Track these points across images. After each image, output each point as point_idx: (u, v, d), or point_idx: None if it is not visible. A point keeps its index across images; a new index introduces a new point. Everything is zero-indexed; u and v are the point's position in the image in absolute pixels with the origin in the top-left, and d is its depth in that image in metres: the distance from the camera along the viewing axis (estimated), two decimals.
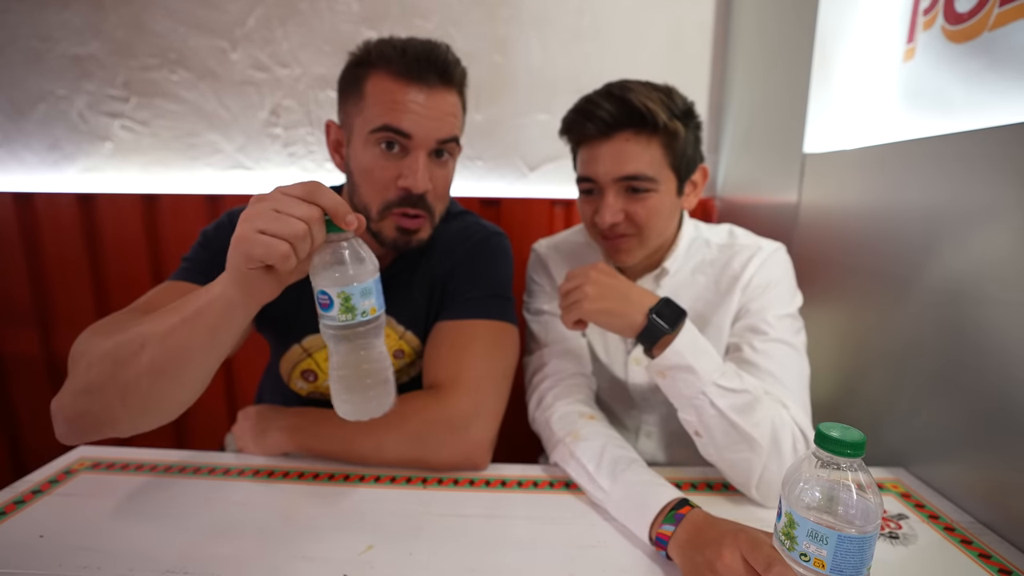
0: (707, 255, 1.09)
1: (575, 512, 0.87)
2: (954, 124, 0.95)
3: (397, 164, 0.94)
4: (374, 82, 0.94)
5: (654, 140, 0.96)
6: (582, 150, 1.02)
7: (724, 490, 0.93)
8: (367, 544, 0.77)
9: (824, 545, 0.53)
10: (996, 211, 0.83)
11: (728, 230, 1.12)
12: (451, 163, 1.01)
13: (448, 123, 0.96)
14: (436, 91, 0.94)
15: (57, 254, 1.75)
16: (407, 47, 0.93)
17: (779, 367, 0.94)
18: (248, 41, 1.71)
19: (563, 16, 1.72)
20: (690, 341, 0.87)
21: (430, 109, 0.93)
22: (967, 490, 0.88)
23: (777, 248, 1.06)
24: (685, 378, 0.86)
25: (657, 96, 0.96)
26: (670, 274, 1.08)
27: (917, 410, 0.98)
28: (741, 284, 1.03)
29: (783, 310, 1.00)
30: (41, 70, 1.72)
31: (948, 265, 0.92)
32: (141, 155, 1.78)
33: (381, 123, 0.92)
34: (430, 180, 0.95)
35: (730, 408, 0.84)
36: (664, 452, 1.15)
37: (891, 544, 0.79)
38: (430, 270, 1.09)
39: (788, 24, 1.40)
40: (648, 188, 0.97)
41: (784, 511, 0.57)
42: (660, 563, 0.75)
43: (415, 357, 1.12)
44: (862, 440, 0.53)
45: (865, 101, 1.22)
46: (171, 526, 0.81)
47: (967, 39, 0.95)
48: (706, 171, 1.05)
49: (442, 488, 0.92)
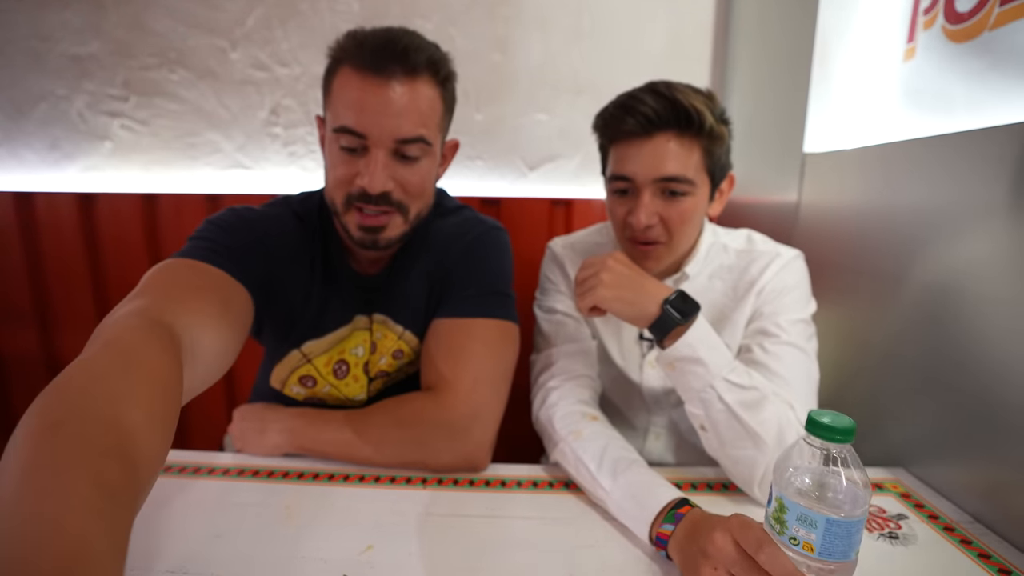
0: (725, 260, 1.08)
1: (575, 512, 0.87)
2: (955, 124, 0.95)
3: (356, 162, 0.91)
4: (339, 78, 0.91)
5: (696, 143, 0.94)
6: (617, 147, 0.99)
7: (724, 490, 0.93)
8: (367, 544, 0.77)
9: (813, 529, 0.54)
10: (996, 211, 0.83)
11: (747, 236, 1.11)
12: (423, 162, 0.94)
13: (410, 120, 0.89)
14: (398, 84, 0.88)
15: (57, 254, 1.75)
16: (367, 38, 0.90)
17: (788, 369, 0.94)
18: (248, 41, 1.71)
19: (563, 16, 1.72)
20: (702, 334, 0.87)
21: (388, 105, 0.87)
22: (967, 490, 0.88)
23: (796, 256, 1.06)
24: (694, 370, 0.87)
25: (701, 99, 0.95)
26: (690, 279, 1.08)
27: (917, 410, 0.98)
28: (756, 289, 1.02)
29: (796, 315, 1.00)
30: (41, 70, 1.71)
31: (948, 265, 0.92)
32: (141, 154, 1.78)
33: (339, 124, 0.89)
34: (391, 179, 0.91)
35: (737, 403, 0.85)
36: (672, 454, 1.16)
37: (891, 544, 0.79)
38: (428, 267, 1.07)
39: (788, 23, 1.40)
40: (686, 191, 0.96)
41: (774, 496, 0.58)
42: (660, 564, 0.75)
43: (414, 356, 1.11)
44: (852, 426, 0.54)
45: (865, 101, 1.22)
46: (170, 527, 0.81)
47: (967, 39, 0.95)
48: (733, 179, 1.04)
49: (442, 488, 0.92)
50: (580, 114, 1.77)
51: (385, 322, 1.07)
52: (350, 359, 1.08)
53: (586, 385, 1.06)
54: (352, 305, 1.06)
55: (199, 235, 0.92)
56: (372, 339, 1.08)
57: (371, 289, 1.06)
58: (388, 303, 1.07)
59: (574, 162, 1.80)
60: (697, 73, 1.77)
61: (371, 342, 1.08)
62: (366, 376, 1.10)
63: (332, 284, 1.04)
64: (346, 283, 1.05)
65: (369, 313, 1.07)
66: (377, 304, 1.07)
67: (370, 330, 1.07)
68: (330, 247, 1.05)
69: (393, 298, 1.07)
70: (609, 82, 1.73)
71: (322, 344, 1.06)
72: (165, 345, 0.64)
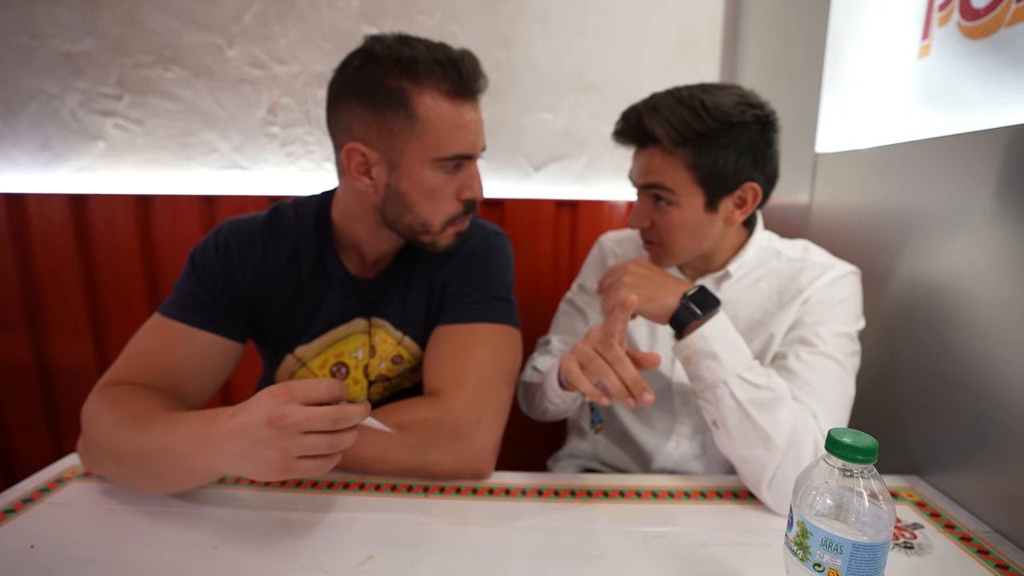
0: (776, 266, 1.09)
1: (582, 522, 0.88)
2: (971, 123, 0.95)
3: (456, 178, 0.98)
4: (428, 103, 0.91)
5: (674, 156, 0.99)
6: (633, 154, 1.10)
7: (734, 498, 0.93)
8: (367, 554, 0.78)
9: (839, 554, 0.54)
10: (1014, 212, 0.83)
11: (803, 246, 1.12)
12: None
13: (483, 132, 1.01)
14: (478, 105, 0.99)
15: (49, 257, 1.76)
16: (455, 60, 0.92)
17: (820, 380, 0.94)
18: (245, 38, 1.72)
19: (568, 11, 1.72)
20: (719, 329, 0.92)
21: (479, 124, 0.99)
22: (984, 498, 0.88)
23: (851, 271, 1.05)
24: (708, 364, 0.91)
25: (681, 115, 0.97)
26: (733, 279, 1.10)
27: (933, 415, 0.99)
28: (803, 298, 1.03)
29: (840, 328, 0.99)
30: (32, 67, 1.73)
31: (964, 268, 0.92)
32: (135, 155, 1.79)
33: (453, 152, 0.95)
34: None
35: (749, 401, 0.88)
36: (690, 463, 1.17)
37: (906, 554, 0.79)
38: (428, 273, 1.09)
39: (800, 20, 1.41)
40: (668, 200, 1.02)
41: (796, 520, 0.57)
42: (669, 574, 0.75)
43: (415, 363, 1.13)
44: (874, 446, 0.54)
45: (879, 99, 1.22)
46: (166, 536, 0.81)
47: (984, 35, 0.95)
48: (756, 190, 1.03)
49: (444, 496, 0.93)
50: (586, 113, 1.77)
51: (384, 326, 1.09)
52: (349, 362, 1.10)
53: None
54: (348, 307, 1.08)
55: (182, 286, 1.03)
56: (371, 343, 1.09)
57: (369, 292, 1.08)
58: (386, 308, 1.09)
59: (580, 162, 1.81)
60: (706, 70, 1.77)
61: (370, 345, 1.09)
62: (366, 379, 1.11)
63: (324, 285, 1.06)
64: (340, 284, 1.06)
65: (368, 316, 1.08)
66: (375, 308, 1.09)
67: (369, 333, 1.09)
68: (324, 248, 1.06)
69: (391, 303, 1.09)
70: (616, 80, 1.75)
71: (314, 347, 1.08)
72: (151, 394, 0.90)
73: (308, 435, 0.68)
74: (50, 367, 1.85)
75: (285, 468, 0.69)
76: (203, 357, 0.99)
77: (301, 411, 0.68)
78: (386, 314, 1.09)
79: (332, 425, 0.69)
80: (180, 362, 0.97)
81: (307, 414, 0.68)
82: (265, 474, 0.70)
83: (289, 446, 0.68)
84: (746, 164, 1.00)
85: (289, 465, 0.69)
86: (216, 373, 1.01)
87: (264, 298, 1.05)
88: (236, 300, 1.02)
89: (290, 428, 0.67)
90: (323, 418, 0.68)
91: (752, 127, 0.98)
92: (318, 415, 0.68)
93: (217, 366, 1.01)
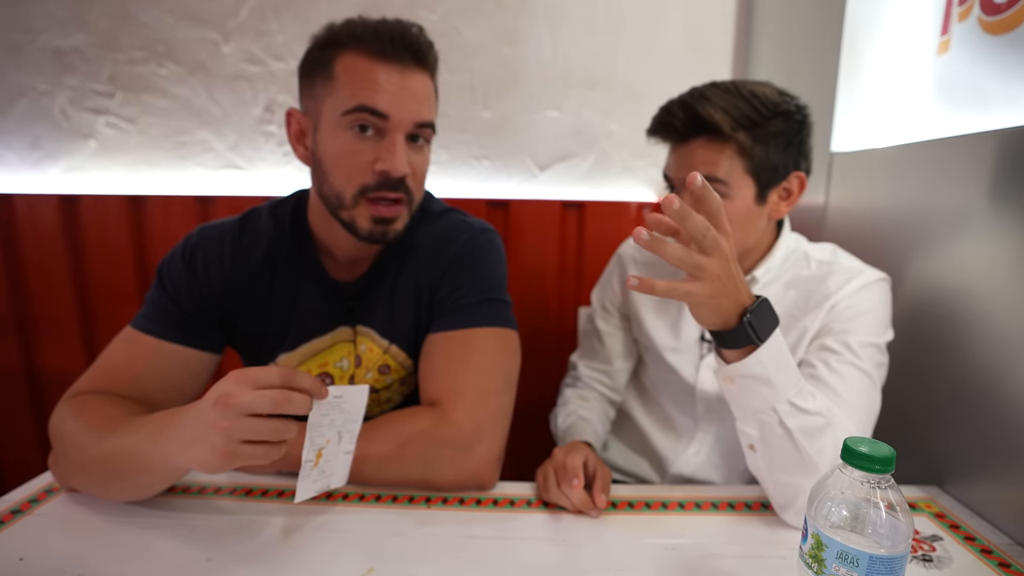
0: (803, 271, 1.09)
1: (589, 534, 0.88)
2: (991, 121, 0.96)
3: (373, 147, 0.93)
4: (345, 62, 0.92)
5: (727, 146, 0.99)
6: (669, 150, 1.09)
7: (747, 509, 0.93)
8: (368, 567, 0.78)
9: (855, 567, 0.53)
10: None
11: (832, 249, 1.12)
12: (426, 149, 1.01)
13: (425, 106, 0.96)
14: (411, 72, 0.93)
15: (38, 259, 1.77)
16: (380, 26, 0.94)
17: (851, 393, 0.94)
18: (241, 33, 1.73)
19: (576, 6, 1.73)
20: (775, 351, 0.80)
21: (406, 90, 0.93)
22: (1006, 509, 0.88)
23: (881, 278, 1.05)
24: (759, 390, 0.82)
25: (733, 103, 0.98)
26: (760, 284, 1.09)
27: (952, 423, 0.99)
28: (830, 304, 1.02)
29: (869, 338, 0.99)
30: (21, 63, 1.74)
31: (984, 270, 0.92)
32: (127, 154, 1.80)
33: (355, 103, 0.91)
34: (408, 164, 0.94)
35: (800, 430, 0.82)
36: (709, 472, 1.17)
37: (924, 567, 0.79)
38: (415, 278, 1.07)
39: (815, 15, 1.41)
40: (721, 192, 0.98)
41: (811, 532, 0.57)
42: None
43: (405, 373, 1.12)
44: (891, 455, 0.54)
45: (896, 97, 1.22)
46: (159, 548, 0.82)
47: (1005, 31, 0.95)
48: (803, 179, 1.04)
49: (446, 508, 0.93)
50: (593, 111, 1.78)
51: (369, 335, 1.08)
52: (335, 372, 1.09)
53: (594, 400, 1.27)
54: (330, 314, 1.07)
55: (152, 297, 1.05)
56: (356, 352, 1.09)
57: (350, 297, 1.07)
58: (371, 314, 1.08)
59: (588, 162, 1.82)
60: (718, 67, 1.77)
61: (355, 355, 1.09)
62: None
63: (300, 287, 1.06)
64: (320, 289, 1.06)
65: (352, 324, 1.08)
66: (359, 314, 1.08)
67: (354, 342, 1.08)
68: (301, 249, 1.06)
69: (376, 309, 1.07)
70: (624, 77, 1.75)
71: (296, 356, 1.08)
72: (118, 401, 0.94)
73: (252, 418, 0.69)
74: (39, 374, 1.86)
75: (228, 452, 0.69)
76: (172, 370, 1.00)
77: (246, 392, 0.69)
78: (371, 322, 1.08)
79: (273, 408, 0.69)
80: (148, 375, 0.98)
81: (252, 396, 0.69)
82: (211, 459, 0.71)
83: (232, 427, 0.69)
84: (793, 153, 1.02)
85: (232, 449, 0.69)
86: (187, 385, 1.02)
87: (235, 302, 1.05)
88: (204, 308, 1.03)
89: (233, 408, 0.68)
90: (265, 399, 0.69)
91: (795, 116, 1.01)
92: (260, 396, 0.69)
93: (187, 378, 1.02)
